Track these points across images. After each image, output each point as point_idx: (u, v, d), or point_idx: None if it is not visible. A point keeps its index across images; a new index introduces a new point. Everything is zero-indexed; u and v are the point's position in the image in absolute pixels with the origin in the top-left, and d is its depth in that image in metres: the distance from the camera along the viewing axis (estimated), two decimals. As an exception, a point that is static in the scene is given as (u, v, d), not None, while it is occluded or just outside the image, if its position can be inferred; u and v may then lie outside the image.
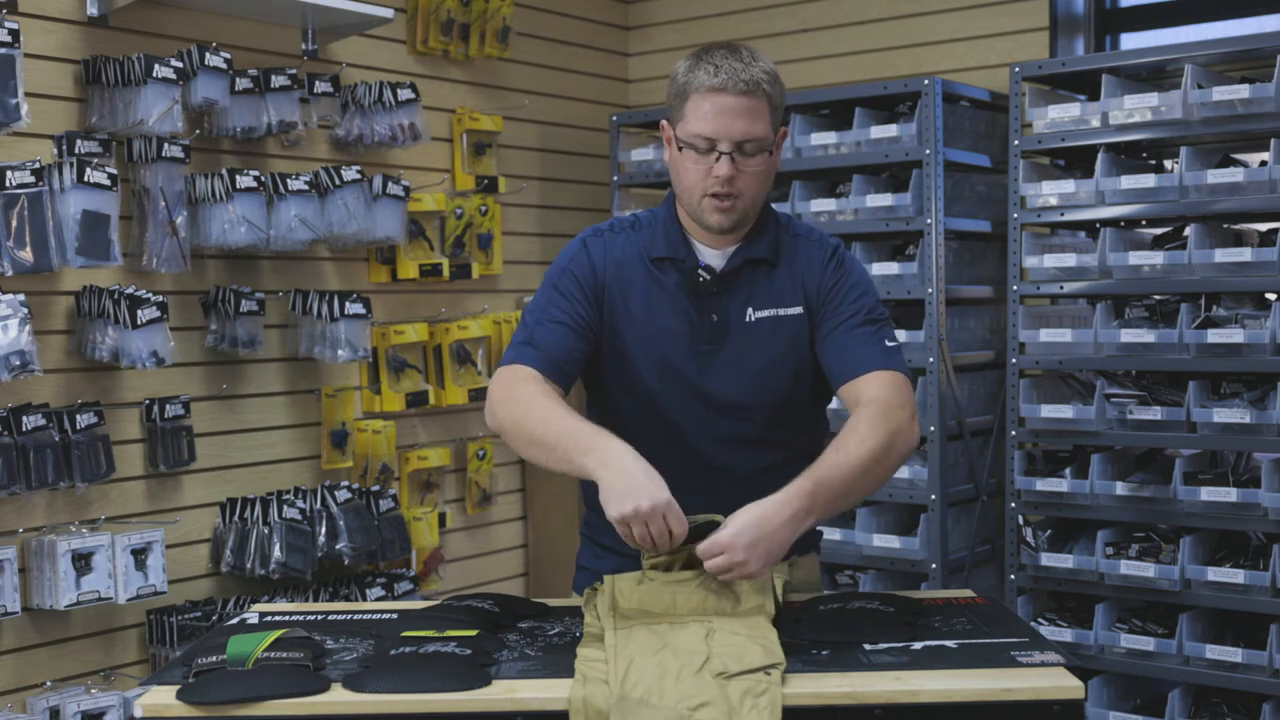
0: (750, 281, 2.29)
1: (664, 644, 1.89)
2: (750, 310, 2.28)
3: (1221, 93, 3.43)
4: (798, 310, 2.29)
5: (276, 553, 3.52)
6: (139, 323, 3.22)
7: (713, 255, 2.29)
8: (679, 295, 2.28)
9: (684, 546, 2.02)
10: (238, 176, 3.44)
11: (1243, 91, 3.40)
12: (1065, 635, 3.62)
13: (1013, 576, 3.79)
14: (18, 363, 2.98)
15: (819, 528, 2.50)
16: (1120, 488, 3.58)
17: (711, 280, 2.27)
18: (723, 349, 2.28)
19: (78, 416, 3.17)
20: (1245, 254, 3.42)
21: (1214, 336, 3.43)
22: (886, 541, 3.87)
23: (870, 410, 2.16)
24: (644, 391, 2.30)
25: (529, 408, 2.13)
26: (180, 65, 3.32)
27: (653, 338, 2.28)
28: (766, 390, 2.29)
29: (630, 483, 1.96)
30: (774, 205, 2.39)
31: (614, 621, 2.02)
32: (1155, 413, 3.54)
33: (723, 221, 2.22)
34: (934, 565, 3.79)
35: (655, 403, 2.30)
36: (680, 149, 2.22)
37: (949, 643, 2.01)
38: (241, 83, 3.49)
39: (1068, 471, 3.68)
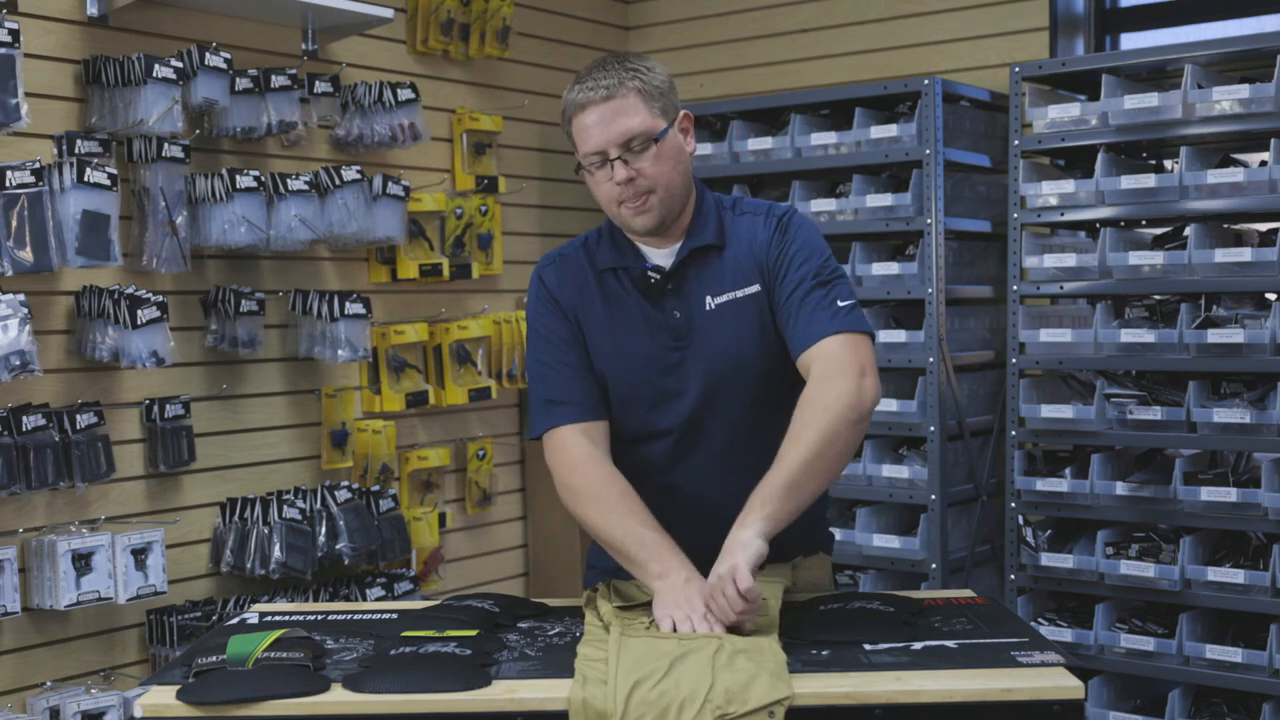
0: (703, 271, 2.30)
1: (669, 666, 1.86)
2: (709, 299, 2.29)
3: (1221, 93, 3.43)
4: (755, 288, 2.28)
5: (276, 553, 3.52)
6: (139, 323, 3.22)
7: (660, 255, 2.31)
8: (637, 301, 2.30)
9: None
10: (238, 176, 3.44)
11: (1243, 91, 3.40)
12: (1065, 635, 3.62)
13: (1013, 576, 3.79)
14: (18, 363, 2.97)
15: (831, 529, 2.50)
16: (1120, 488, 3.58)
17: (663, 279, 2.29)
18: (691, 343, 2.28)
19: (78, 416, 3.16)
20: (1245, 254, 3.42)
21: (1214, 336, 3.43)
22: (886, 541, 3.87)
23: (812, 392, 2.16)
24: (624, 398, 2.31)
25: (593, 514, 2.22)
26: (180, 65, 3.32)
27: (621, 347, 2.29)
28: (742, 374, 2.28)
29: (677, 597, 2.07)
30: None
31: (619, 626, 2.01)
32: (1155, 413, 3.54)
33: (646, 222, 2.24)
34: (934, 565, 3.79)
35: (639, 408, 2.30)
36: (579, 171, 2.26)
37: (949, 643, 2.01)
38: (241, 83, 3.49)
39: (1068, 471, 3.68)
